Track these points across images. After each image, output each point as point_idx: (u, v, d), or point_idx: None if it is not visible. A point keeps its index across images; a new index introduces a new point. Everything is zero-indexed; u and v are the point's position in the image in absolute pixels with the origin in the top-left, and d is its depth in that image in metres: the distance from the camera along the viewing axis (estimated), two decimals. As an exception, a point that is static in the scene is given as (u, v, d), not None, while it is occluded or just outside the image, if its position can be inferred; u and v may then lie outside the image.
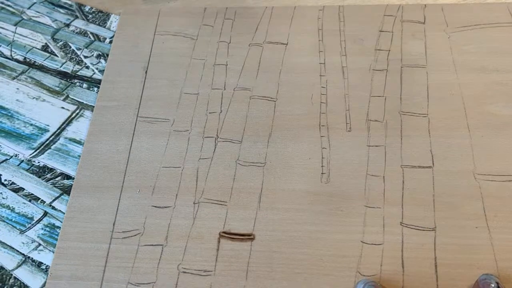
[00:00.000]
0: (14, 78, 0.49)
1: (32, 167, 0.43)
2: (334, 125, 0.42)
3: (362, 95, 0.44)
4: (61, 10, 0.54)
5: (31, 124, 0.46)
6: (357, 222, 0.38)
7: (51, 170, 0.43)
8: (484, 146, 0.41)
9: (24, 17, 0.54)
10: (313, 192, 0.39)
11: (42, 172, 0.43)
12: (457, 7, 0.49)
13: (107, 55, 0.50)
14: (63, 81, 0.49)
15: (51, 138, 0.45)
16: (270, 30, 0.49)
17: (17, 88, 0.48)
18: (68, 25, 0.53)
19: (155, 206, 0.40)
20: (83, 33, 0.52)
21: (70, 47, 0.51)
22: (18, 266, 0.38)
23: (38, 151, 0.44)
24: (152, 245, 0.38)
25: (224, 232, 0.38)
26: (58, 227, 0.40)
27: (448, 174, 0.40)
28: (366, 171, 0.40)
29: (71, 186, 0.41)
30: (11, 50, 0.51)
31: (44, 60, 0.50)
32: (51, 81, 0.49)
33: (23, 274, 0.38)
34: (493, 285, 0.32)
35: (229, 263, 0.37)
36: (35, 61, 0.50)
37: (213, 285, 0.36)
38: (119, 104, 0.46)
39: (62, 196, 0.41)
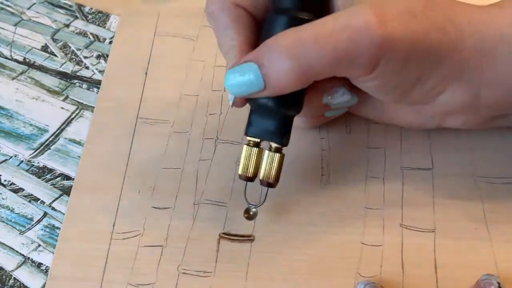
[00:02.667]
0: (13, 78, 0.49)
1: (31, 168, 0.43)
2: (334, 126, 0.43)
3: (361, 97, 0.44)
4: (61, 11, 0.54)
5: (31, 125, 0.46)
6: (357, 224, 0.38)
7: (51, 170, 0.43)
8: (484, 147, 0.41)
9: (24, 18, 0.54)
10: (313, 193, 0.39)
11: (42, 172, 0.43)
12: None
13: (107, 55, 0.50)
14: (62, 82, 0.49)
15: (50, 139, 0.45)
16: (270, 32, 0.49)
17: (17, 88, 0.48)
18: (68, 26, 0.53)
19: (155, 207, 0.40)
20: (83, 34, 0.52)
21: (70, 47, 0.51)
22: (18, 266, 0.38)
23: (37, 151, 0.44)
24: (152, 246, 0.38)
25: (224, 233, 0.38)
26: (58, 228, 0.40)
27: (448, 176, 0.40)
28: (366, 172, 0.40)
29: (71, 186, 0.41)
30: (10, 51, 0.51)
31: (44, 61, 0.50)
32: (51, 81, 0.49)
33: (23, 275, 0.38)
34: (494, 285, 0.32)
35: (229, 264, 0.37)
36: (34, 62, 0.50)
37: (212, 286, 0.36)
38: (119, 105, 0.46)
39: (62, 197, 0.41)
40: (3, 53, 0.51)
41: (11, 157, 0.44)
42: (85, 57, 0.50)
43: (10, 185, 0.42)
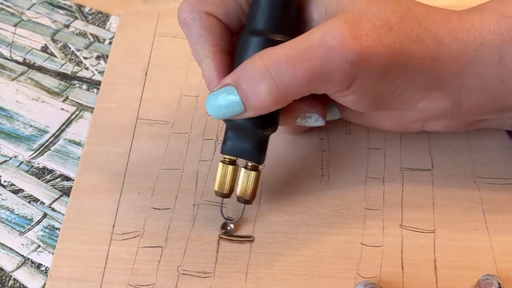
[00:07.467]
0: (13, 79, 0.49)
1: (31, 169, 0.43)
2: (334, 127, 0.43)
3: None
4: (61, 11, 0.54)
5: (31, 125, 0.46)
6: (357, 224, 0.38)
7: (51, 171, 0.43)
8: (484, 148, 0.41)
9: (24, 18, 0.54)
10: (313, 194, 0.39)
11: (41, 173, 0.43)
12: (456, 8, 0.49)
13: (107, 56, 0.50)
14: (62, 82, 0.49)
15: (50, 140, 0.45)
16: (270, 32, 0.49)
17: (17, 89, 0.48)
18: (67, 26, 0.53)
19: (155, 208, 0.40)
20: (83, 34, 0.52)
21: (70, 48, 0.51)
22: (18, 267, 0.38)
23: (37, 152, 0.44)
24: (152, 246, 0.38)
25: (224, 234, 0.38)
26: (58, 229, 0.40)
27: (447, 177, 0.40)
28: (366, 173, 0.40)
29: (71, 187, 0.41)
30: (10, 51, 0.51)
31: (44, 61, 0.50)
32: (51, 82, 0.49)
33: (23, 275, 0.38)
34: (495, 285, 0.32)
35: (229, 265, 0.37)
36: (34, 62, 0.50)
37: (212, 286, 0.36)
38: (119, 105, 0.46)
39: (62, 198, 0.41)
40: (3, 54, 0.51)
41: (11, 158, 0.44)
42: (85, 58, 0.50)
43: (10, 186, 0.42)
